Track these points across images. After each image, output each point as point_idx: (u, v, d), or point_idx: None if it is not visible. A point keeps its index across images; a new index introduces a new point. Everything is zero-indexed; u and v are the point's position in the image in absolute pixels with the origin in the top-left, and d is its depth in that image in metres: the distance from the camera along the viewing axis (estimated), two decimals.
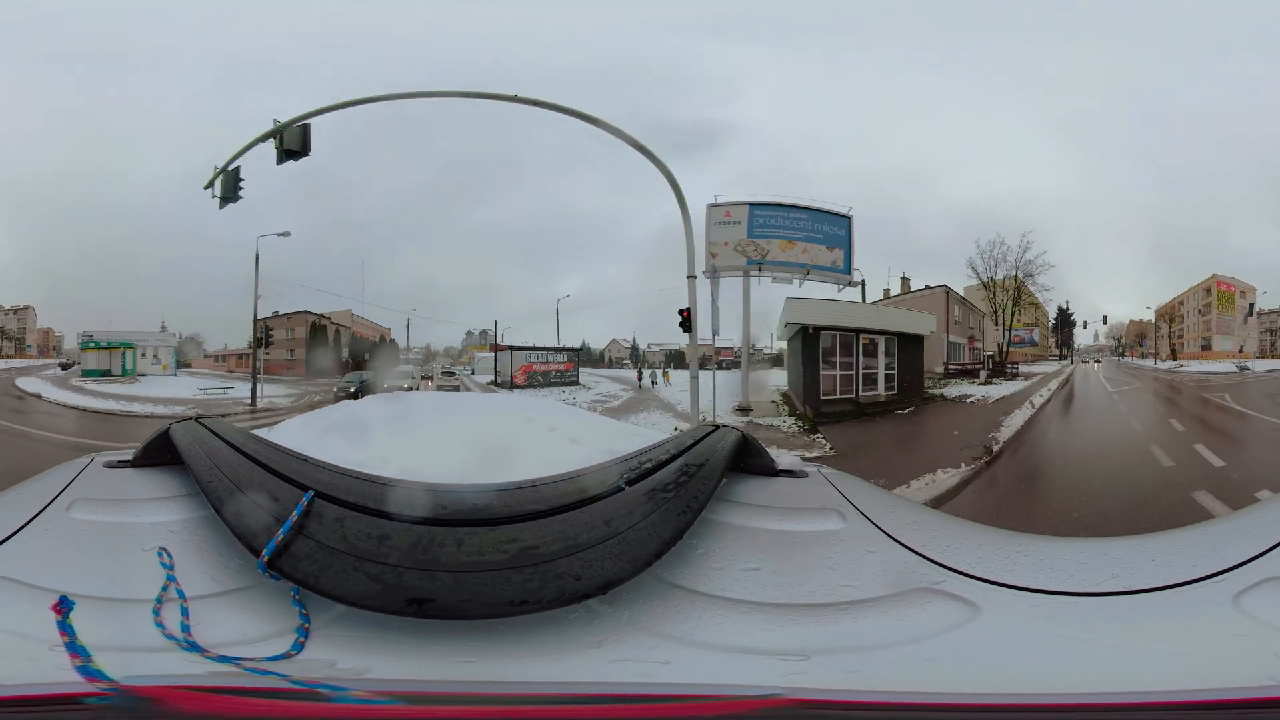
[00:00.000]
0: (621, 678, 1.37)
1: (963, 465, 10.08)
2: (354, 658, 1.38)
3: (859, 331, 14.93)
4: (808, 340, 14.47)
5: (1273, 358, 18.77)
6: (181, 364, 25.29)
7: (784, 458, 2.23)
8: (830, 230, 16.27)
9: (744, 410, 15.48)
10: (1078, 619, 1.50)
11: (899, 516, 1.92)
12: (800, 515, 1.91)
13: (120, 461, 2.09)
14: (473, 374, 29.63)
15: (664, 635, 1.46)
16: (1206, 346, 18.69)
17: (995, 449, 10.92)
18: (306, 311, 27.38)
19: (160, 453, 2.04)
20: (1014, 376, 17.20)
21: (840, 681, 1.36)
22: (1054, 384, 16.11)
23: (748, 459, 2.12)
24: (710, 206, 16.52)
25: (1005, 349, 17.63)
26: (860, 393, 14.71)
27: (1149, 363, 19.76)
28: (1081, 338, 20.24)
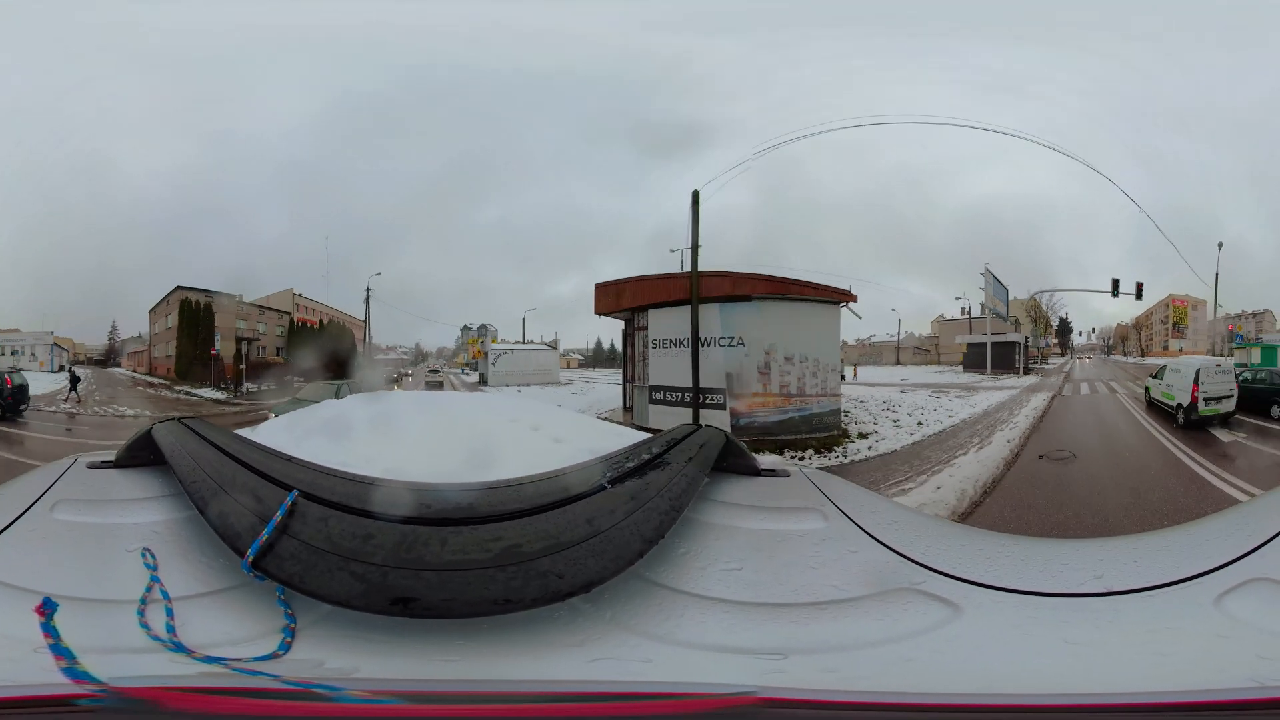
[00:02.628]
0: (604, 676, 1.38)
1: (1064, 374, 23.92)
2: (341, 657, 1.38)
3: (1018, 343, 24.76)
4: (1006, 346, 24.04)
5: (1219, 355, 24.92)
6: (113, 363, 24.82)
7: (766, 458, 2.24)
8: (1000, 294, 24.72)
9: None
10: (1058, 620, 1.51)
11: (880, 516, 1.93)
12: (782, 515, 1.92)
13: (103, 462, 2.08)
14: (482, 382, 24.68)
15: (646, 634, 1.46)
16: (1166, 347, 25.91)
17: (1068, 372, 24.47)
18: (181, 288, 22.69)
19: (143, 453, 2.04)
20: (1046, 363, 27.05)
21: (815, 680, 1.37)
22: (1067, 367, 26.63)
23: (730, 459, 2.14)
24: (987, 268, 24.14)
25: (1042, 349, 26.96)
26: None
27: (1124, 358, 28.16)
28: (1078, 340, 29.17)
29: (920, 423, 12.84)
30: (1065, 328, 28.00)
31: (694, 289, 11.03)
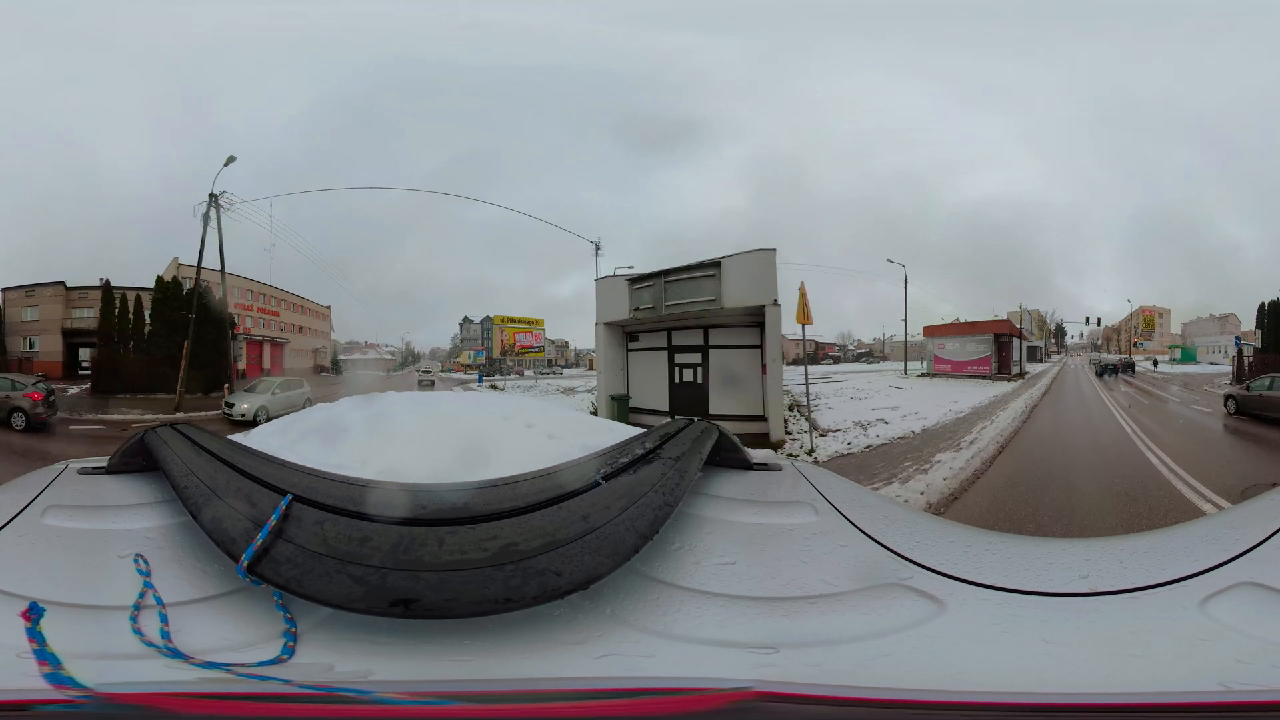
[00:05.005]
0: (611, 672, 1.38)
1: (1062, 363, 32.95)
2: (351, 660, 1.37)
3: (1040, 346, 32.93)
4: (1033, 347, 31.61)
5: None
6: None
7: (758, 452, 2.25)
8: (1027, 318, 30.79)
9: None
10: (1039, 619, 1.52)
11: (870, 511, 1.95)
12: (774, 509, 1.94)
13: (95, 468, 2.07)
14: (625, 413, 13.25)
15: (645, 629, 1.47)
16: (1135, 347, 32.86)
17: (1064, 362, 32.62)
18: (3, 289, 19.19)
19: (135, 459, 2.03)
20: (1050, 358, 34.45)
21: (804, 674, 1.38)
22: (1063, 360, 34.52)
23: (722, 453, 2.15)
24: (1021, 304, 30.49)
25: (1046, 348, 33.86)
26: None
27: (1105, 356, 35.23)
28: (1071, 341, 36.55)
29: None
30: (1060, 331, 36.29)
31: (1034, 334, 26.10)
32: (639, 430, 2.41)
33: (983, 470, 11.87)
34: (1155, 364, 29.97)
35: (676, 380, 14.54)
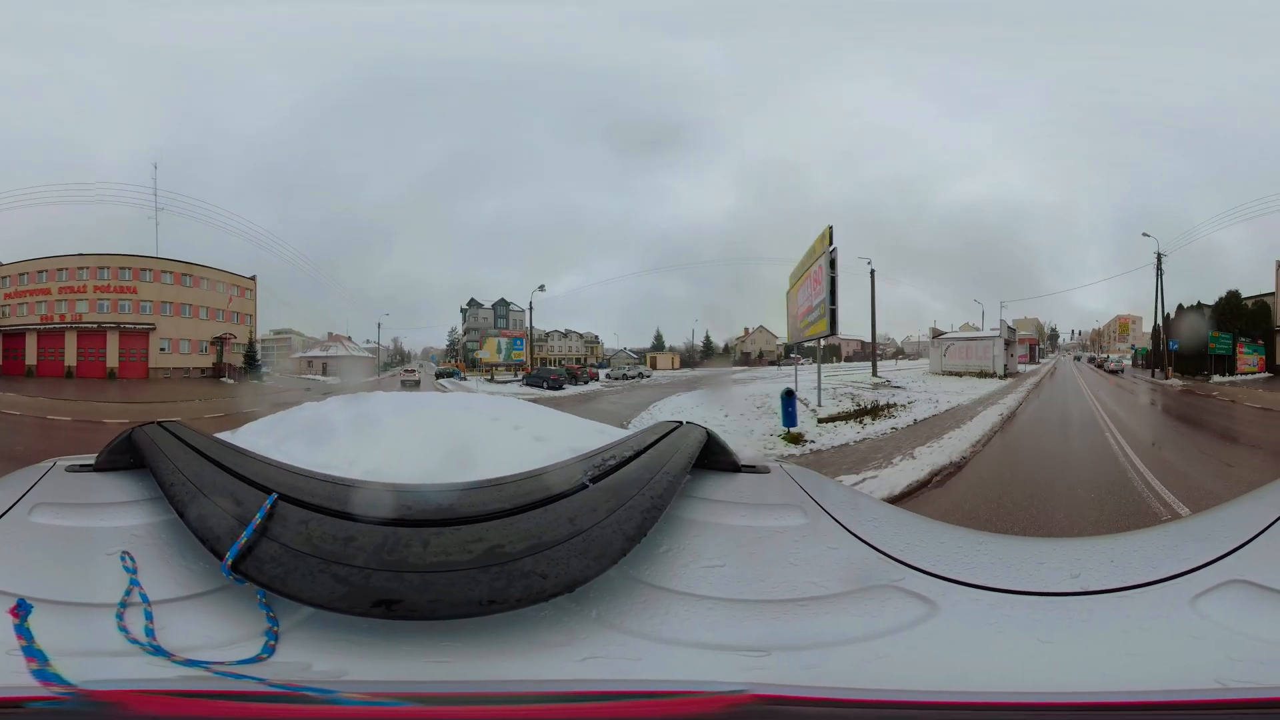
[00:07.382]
0: (595, 675, 1.38)
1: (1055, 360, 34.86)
2: (327, 660, 1.37)
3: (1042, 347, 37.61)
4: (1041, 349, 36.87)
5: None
6: None
7: (746, 454, 2.25)
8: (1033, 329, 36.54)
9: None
10: (1033, 619, 1.52)
11: (860, 513, 1.94)
12: (763, 511, 1.93)
13: (82, 465, 2.06)
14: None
15: (632, 632, 1.47)
16: (1101, 350, 37.87)
17: (1057, 359, 34.86)
18: None
19: (123, 456, 2.02)
20: (1047, 357, 38.18)
21: (797, 677, 1.37)
22: (1056, 357, 37.34)
23: (711, 455, 2.15)
24: (1032, 318, 36.83)
25: (1044, 349, 38.42)
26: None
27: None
28: (1064, 342, 40.63)
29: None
30: (1054, 335, 41.35)
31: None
32: (627, 433, 2.41)
33: (1049, 374, 27.77)
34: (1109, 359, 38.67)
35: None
